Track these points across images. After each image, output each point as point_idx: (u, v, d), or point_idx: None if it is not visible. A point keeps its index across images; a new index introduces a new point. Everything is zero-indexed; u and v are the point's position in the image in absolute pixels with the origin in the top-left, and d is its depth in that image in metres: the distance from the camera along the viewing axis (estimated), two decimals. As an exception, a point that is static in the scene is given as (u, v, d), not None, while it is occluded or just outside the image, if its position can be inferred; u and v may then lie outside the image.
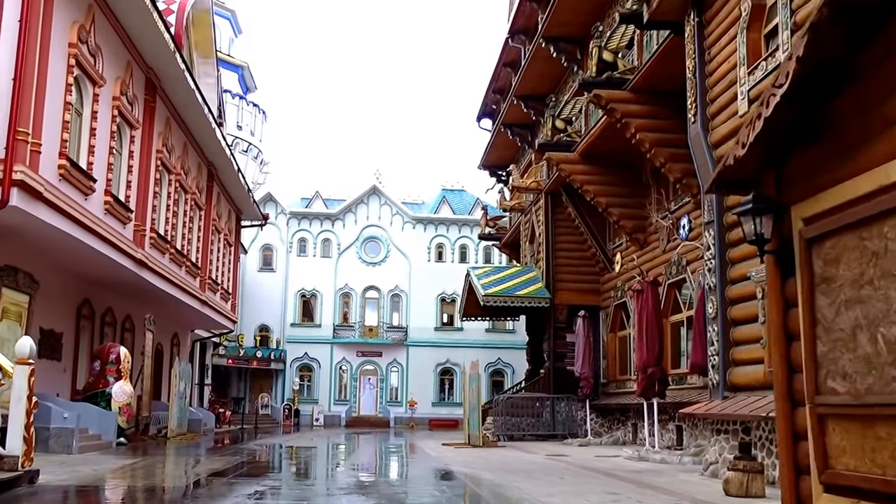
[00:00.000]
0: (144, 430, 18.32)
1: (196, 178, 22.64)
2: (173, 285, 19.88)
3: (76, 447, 12.99)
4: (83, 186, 13.05)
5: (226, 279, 28.79)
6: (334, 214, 47.74)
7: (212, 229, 25.49)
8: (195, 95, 18.68)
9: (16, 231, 11.89)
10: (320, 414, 43.47)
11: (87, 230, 13.19)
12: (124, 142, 15.88)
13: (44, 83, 11.40)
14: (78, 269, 15.67)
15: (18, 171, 10.47)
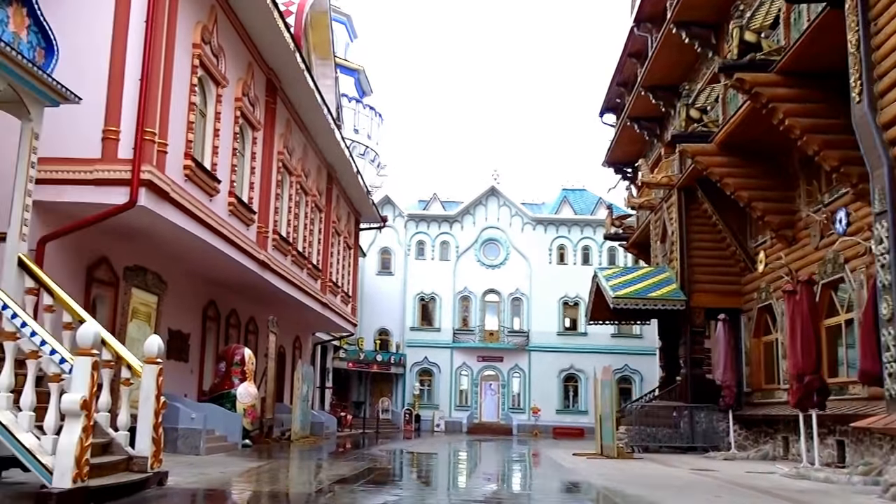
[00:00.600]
0: (268, 433, 18.29)
1: (316, 180, 22.63)
2: (295, 287, 19.85)
3: (203, 448, 12.90)
4: (208, 187, 12.96)
5: (346, 282, 28.81)
6: (452, 216, 47.43)
7: (332, 231, 25.49)
8: (315, 96, 18.55)
9: (144, 232, 11.86)
10: (441, 420, 43.12)
11: (212, 231, 13.09)
12: (246, 143, 15.82)
13: (169, 84, 11.31)
14: (203, 270, 15.72)
15: (146, 171, 10.36)
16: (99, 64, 10.56)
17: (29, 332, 6.25)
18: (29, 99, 7.97)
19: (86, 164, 10.44)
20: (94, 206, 10.44)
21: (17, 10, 7.72)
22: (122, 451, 7.34)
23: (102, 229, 11.22)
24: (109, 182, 10.38)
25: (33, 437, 6.15)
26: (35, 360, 6.30)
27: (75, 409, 6.00)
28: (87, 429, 6.11)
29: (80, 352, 6.13)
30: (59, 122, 9.52)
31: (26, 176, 8.00)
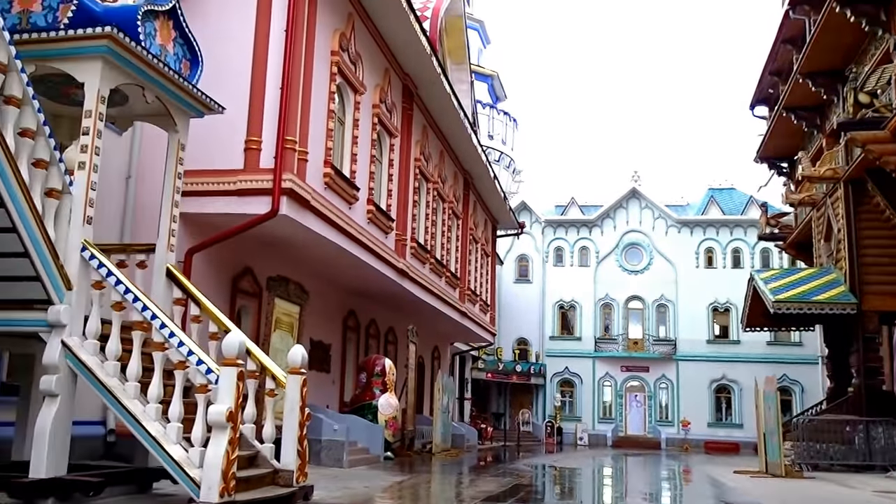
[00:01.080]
0: (409, 445, 18.10)
1: (453, 187, 22.40)
2: (434, 296, 19.64)
3: (346, 461, 12.78)
4: (347, 195, 12.88)
5: (484, 290, 28.44)
6: (591, 221, 46.20)
7: (469, 239, 25.21)
8: (451, 101, 18.29)
9: (286, 241, 11.90)
10: (584, 433, 41.80)
11: (352, 239, 13.00)
12: (384, 150, 15.73)
13: (309, 92, 11.29)
14: (343, 279, 15.72)
15: (287, 180, 10.33)
16: (241, 74, 10.65)
17: (177, 342, 6.16)
18: (175, 110, 8.00)
19: (229, 175, 10.54)
20: (238, 217, 10.51)
21: (164, 23, 7.77)
22: (268, 464, 7.15)
23: (246, 240, 11.32)
24: (252, 192, 10.42)
25: (181, 450, 6.03)
26: (182, 370, 6.20)
27: (221, 421, 5.82)
28: (234, 441, 5.91)
29: (226, 362, 5.95)
30: (204, 134, 9.61)
31: (173, 187, 8.03)
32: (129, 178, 10.70)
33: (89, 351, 6.35)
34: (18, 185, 5.94)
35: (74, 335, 6.38)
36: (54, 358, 6.26)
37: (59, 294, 6.34)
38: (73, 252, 6.49)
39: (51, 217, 6.37)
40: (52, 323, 6.33)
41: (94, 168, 6.65)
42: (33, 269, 6.17)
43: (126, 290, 6.39)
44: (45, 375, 6.27)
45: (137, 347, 6.37)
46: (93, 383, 6.26)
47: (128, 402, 6.14)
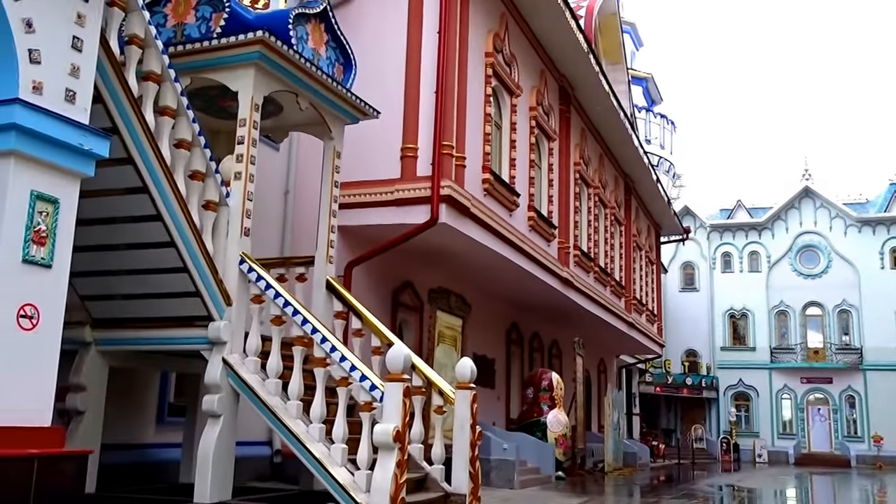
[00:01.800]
0: (580, 464, 17.15)
1: (614, 192, 21.37)
2: (600, 306, 18.67)
3: (517, 481, 12.09)
4: (507, 201, 12.28)
5: (650, 300, 27.02)
6: (761, 224, 43.32)
7: (633, 246, 24.00)
8: (611, 101, 17.34)
9: (445, 252, 11.43)
10: (762, 449, 38.90)
11: (514, 247, 12.38)
12: (543, 154, 15.03)
13: (464, 95, 10.82)
14: (504, 291, 15.11)
15: (446, 187, 9.86)
16: (394, 79, 10.33)
17: (339, 357, 5.72)
18: (330, 117, 7.70)
19: (386, 185, 10.21)
20: (396, 228, 10.15)
21: (316, 27, 7.50)
22: (438, 488, 6.59)
23: (404, 252, 10.95)
24: (409, 201, 10.03)
25: (346, 472, 5.57)
26: (345, 387, 5.76)
27: (388, 442, 5.30)
28: (402, 463, 5.38)
29: (391, 377, 5.44)
30: (359, 145, 9.36)
31: (330, 196, 7.71)
32: (287, 192, 10.62)
33: (250, 369, 6.05)
34: (175, 198, 5.74)
35: (235, 352, 6.11)
36: (216, 377, 6.00)
37: (218, 310, 6.10)
38: (232, 266, 6.24)
39: (208, 230, 6.16)
40: (212, 340, 6.09)
41: (251, 178, 6.39)
42: (192, 284, 5.96)
43: (286, 304, 6.05)
44: (207, 395, 6.03)
45: (298, 364, 6.00)
46: (254, 402, 5.95)
47: (290, 422, 5.77)
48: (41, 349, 4.26)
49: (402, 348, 5.54)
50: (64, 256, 4.43)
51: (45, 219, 4.23)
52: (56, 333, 4.36)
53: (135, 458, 7.56)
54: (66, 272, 4.45)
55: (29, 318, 4.16)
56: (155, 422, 7.99)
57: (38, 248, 4.22)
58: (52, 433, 4.32)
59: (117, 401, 7.26)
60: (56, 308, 4.38)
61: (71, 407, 6.41)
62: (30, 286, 4.21)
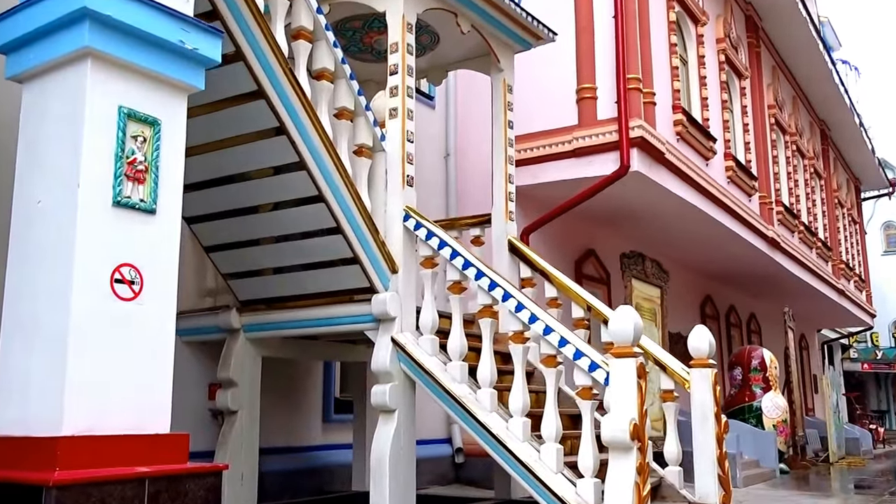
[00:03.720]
0: (801, 454, 14.80)
1: (811, 140, 18.68)
2: (808, 271, 16.18)
3: (740, 478, 10.17)
4: (703, 148, 10.40)
5: (856, 263, 23.78)
6: (980, 171, 37.93)
7: (834, 203, 21.05)
8: (809, 30, 14.85)
9: (631, 210, 9.64)
10: None
11: (715, 202, 10.47)
12: (734, 95, 12.92)
13: (646, 21, 9.10)
14: (699, 256, 13.10)
15: (636, 128, 8.18)
16: (563, 4, 8.76)
17: (542, 328, 4.28)
18: (496, 42, 6.29)
19: (561, 135, 8.67)
20: (576, 183, 8.58)
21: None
22: (678, 496, 5.04)
23: (582, 215, 9.34)
24: (592, 150, 8.44)
25: (566, 482, 4.13)
26: (553, 367, 4.31)
27: (623, 439, 3.82)
28: (643, 468, 3.90)
29: (619, 352, 3.95)
30: (521, 92, 7.87)
31: (504, 139, 6.31)
32: (448, 156, 9.36)
33: (427, 350, 4.74)
34: (320, 138, 4.52)
35: (407, 330, 4.83)
36: (385, 362, 4.74)
37: (382, 279, 4.84)
38: (395, 223, 4.95)
39: (363, 181, 4.91)
40: (378, 316, 4.83)
41: (409, 114, 5.08)
42: (348, 247, 4.72)
43: (467, 264, 4.68)
44: (376, 385, 4.79)
45: (488, 340, 4.62)
46: (435, 392, 4.64)
47: (484, 417, 4.40)
48: (148, 325, 3.06)
49: (629, 313, 4.02)
50: (173, 199, 3.22)
51: (142, 147, 3.04)
52: (169, 304, 3.17)
53: (299, 464, 6.51)
54: (176, 220, 3.24)
55: (128, 284, 2.97)
56: (321, 420, 6.91)
57: (136, 187, 3.00)
58: (171, 442, 3.15)
59: (275, 398, 6.24)
60: (166, 269, 3.18)
61: (222, 406, 5.41)
62: (127, 239, 3.00)
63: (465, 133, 9.49)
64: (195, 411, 5.82)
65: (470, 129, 9.45)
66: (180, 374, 5.81)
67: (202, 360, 5.90)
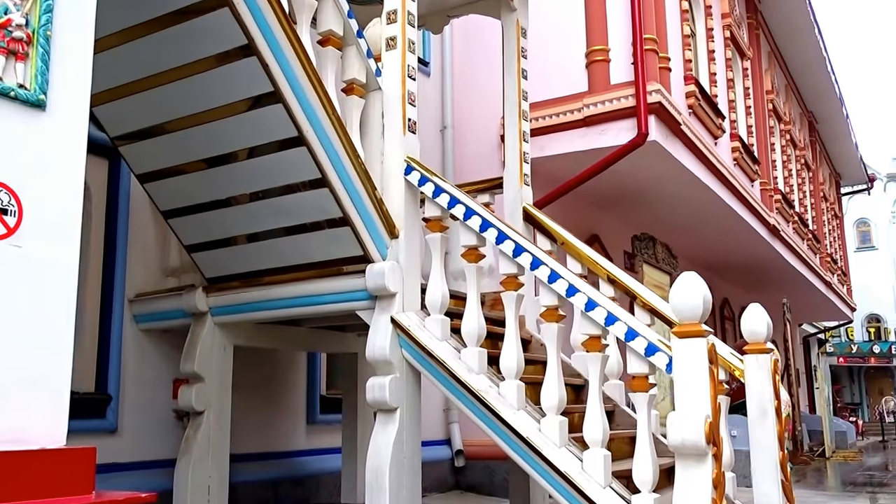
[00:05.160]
0: (801, 448, 14.19)
1: (801, 131, 18.11)
2: (803, 263, 15.55)
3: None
4: (713, 125, 9.62)
5: (839, 257, 23.34)
6: (949, 168, 38.09)
7: (820, 196, 20.57)
8: (806, 14, 14.20)
9: (646, 184, 8.80)
10: None
11: (724, 184, 9.69)
12: (738, 75, 12.17)
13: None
14: (702, 241, 12.28)
15: (653, 92, 7.33)
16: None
17: (584, 301, 3.41)
18: (506, -20, 5.42)
19: (569, 102, 7.81)
20: (586, 156, 7.72)
21: None
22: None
23: (585, 196, 8.50)
24: (604, 118, 7.58)
25: (617, 499, 3.25)
26: (599, 352, 3.43)
27: (696, 443, 2.97)
28: (719, 479, 3.04)
29: (683, 331, 3.08)
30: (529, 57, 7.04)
31: (518, 92, 5.45)
32: (445, 129, 8.48)
33: (437, 333, 3.84)
34: (300, 61, 3.60)
35: (410, 309, 3.93)
36: (384, 348, 3.83)
37: (379, 245, 3.93)
38: (394, 177, 4.04)
39: (354, 124, 4.00)
40: (374, 292, 3.92)
41: (409, 46, 4.17)
42: (336, 205, 3.80)
43: (486, 225, 3.79)
44: (373, 379, 3.87)
45: (514, 320, 3.73)
46: (447, 385, 3.74)
47: (510, 416, 3.51)
48: (29, 278, 2.06)
49: (696, 282, 3.16)
50: (75, 90, 2.21)
51: (21, 3, 2.09)
52: (67, 249, 2.15)
53: (279, 472, 5.57)
54: (81, 123, 2.21)
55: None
56: (305, 421, 5.97)
57: (10, 66, 2.06)
58: (65, 462, 2.14)
59: (250, 395, 5.31)
60: (63, 195, 2.16)
61: (185, 405, 4.47)
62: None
63: (463, 103, 8.65)
64: (156, 412, 4.92)
65: (469, 99, 8.62)
66: (138, 367, 4.94)
67: (164, 351, 4.98)
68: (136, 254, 4.84)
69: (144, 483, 4.48)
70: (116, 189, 4.78)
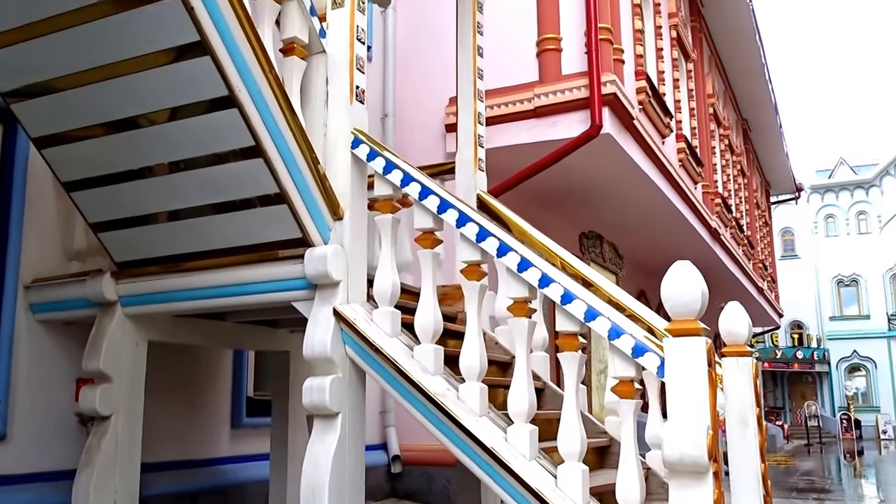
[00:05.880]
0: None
1: (738, 138, 18.24)
2: (739, 268, 15.61)
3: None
4: (661, 123, 9.36)
5: (768, 264, 23.76)
6: (868, 181, 39.55)
7: (754, 203, 20.87)
8: (749, 19, 14.17)
9: (594, 181, 8.45)
10: (887, 425, 35.37)
11: (672, 184, 9.47)
12: (682, 76, 12.03)
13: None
14: (646, 243, 12.06)
15: (608, 83, 6.99)
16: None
17: (559, 292, 2.96)
18: (462, -52, 4.97)
19: (518, 92, 7.42)
20: (535, 149, 7.34)
21: None
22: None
23: (531, 194, 8.11)
24: (555, 109, 7.21)
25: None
26: (575, 351, 2.99)
27: (696, 459, 2.55)
28: (720, 502, 2.64)
29: (677, 328, 2.68)
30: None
31: (473, 69, 4.99)
32: (386, 117, 8.00)
33: (386, 328, 3.34)
34: (235, 13, 3.06)
35: (355, 301, 3.42)
36: (325, 344, 3.31)
37: (321, 227, 3.41)
38: (339, 150, 3.52)
39: (294, 88, 3.48)
40: (314, 279, 3.39)
41: (359, 5, 3.66)
42: (272, 178, 3.27)
43: (444, 206, 3.31)
44: (311, 380, 3.34)
45: (476, 314, 3.26)
46: (397, 387, 3.25)
47: (471, 423, 3.03)
48: None
49: (691, 272, 2.77)
50: None
51: None
52: None
53: (199, 483, 4.97)
54: None
55: None
56: (229, 426, 5.37)
57: None
58: None
59: (166, 397, 4.71)
60: None
61: (88, 408, 3.87)
62: None
63: (406, 91, 8.18)
64: (54, 417, 4.28)
65: (413, 86, 8.15)
66: (33, 364, 4.28)
67: (65, 346, 4.33)
68: (33, 233, 4.18)
69: (37, 499, 3.88)
70: (12, 157, 4.12)
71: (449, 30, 5.25)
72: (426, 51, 8.10)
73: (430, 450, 6.75)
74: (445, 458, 6.24)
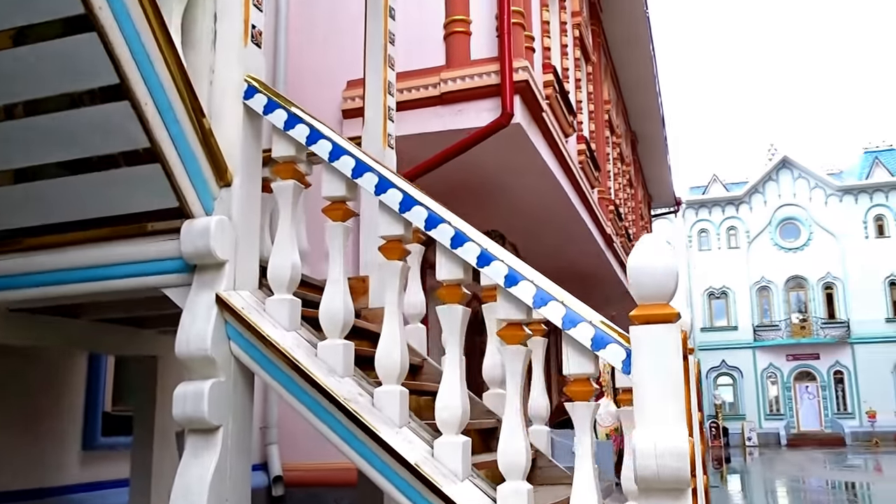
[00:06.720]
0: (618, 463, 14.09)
1: (627, 147, 18.45)
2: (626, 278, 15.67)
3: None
4: (564, 122, 9.07)
5: (649, 277, 24.27)
6: (738, 198, 41.51)
7: (639, 213, 21.25)
8: (645, 28, 14.28)
9: (496, 175, 8.00)
10: (752, 432, 37.17)
11: (574, 184, 9.20)
12: (583, 78, 11.86)
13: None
14: (543, 246, 11.75)
15: (520, 69, 6.56)
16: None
17: (502, 272, 2.43)
18: None
19: (423, 77, 6.90)
20: (440, 138, 6.83)
21: None
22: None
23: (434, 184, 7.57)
24: (462, 96, 6.74)
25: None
26: (520, 344, 2.47)
27: (676, 473, 2.06)
28: (696, 531, 2.16)
29: (645, 314, 2.20)
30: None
31: (384, 34, 4.37)
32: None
33: (282, 320, 2.71)
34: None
35: (245, 287, 2.77)
36: (204, 339, 2.63)
37: (202, 194, 2.74)
38: (229, 100, 2.86)
39: (174, 22, 2.81)
40: (192, 258, 2.71)
41: (257, -69, 3.03)
42: (143, 132, 2.58)
43: (361, 168, 2.72)
44: (184, 385, 2.65)
45: (396, 303, 2.68)
46: (295, 391, 2.61)
47: (390, 435, 2.45)
48: None
49: (660, 246, 2.30)
50: None
51: None
52: None
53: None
54: None
55: None
56: (80, 447, 4.51)
57: None
58: None
59: (4, 412, 3.86)
60: None
61: None
62: None
63: (298, 78, 7.49)
64: None
65: (306, 73, 7.49)
66: None
67: None
68: None
69: None
70: None
71: (348, 4, 4.66)
72: (319, 39, 7.49)
73: (317, 469, 6.12)
74: (334, 476, 5.64)
